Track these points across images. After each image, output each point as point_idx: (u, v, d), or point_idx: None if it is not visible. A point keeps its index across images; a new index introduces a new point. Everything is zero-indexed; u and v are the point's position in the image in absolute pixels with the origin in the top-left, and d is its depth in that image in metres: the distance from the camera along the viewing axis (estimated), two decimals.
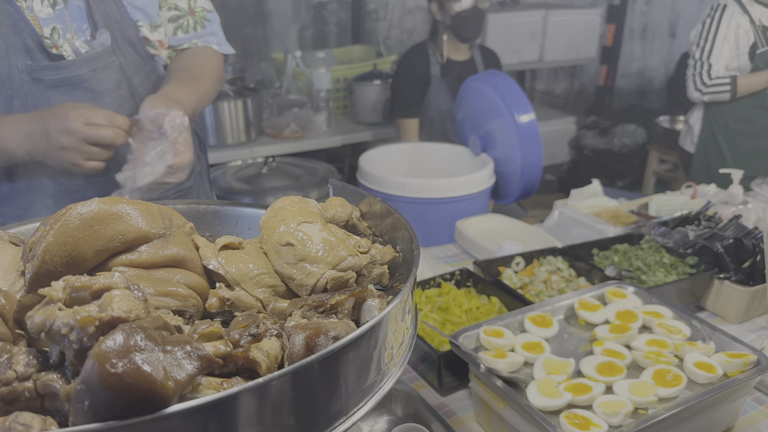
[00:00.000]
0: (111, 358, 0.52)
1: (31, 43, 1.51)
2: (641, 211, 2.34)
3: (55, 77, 1.54)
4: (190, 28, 1.77)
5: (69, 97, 1.55)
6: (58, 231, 0.69)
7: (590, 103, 6.06)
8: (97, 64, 1.58)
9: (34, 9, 1.52)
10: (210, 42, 1.81)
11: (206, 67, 1.77)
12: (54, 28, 1.55)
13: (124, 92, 1.64)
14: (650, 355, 1.32)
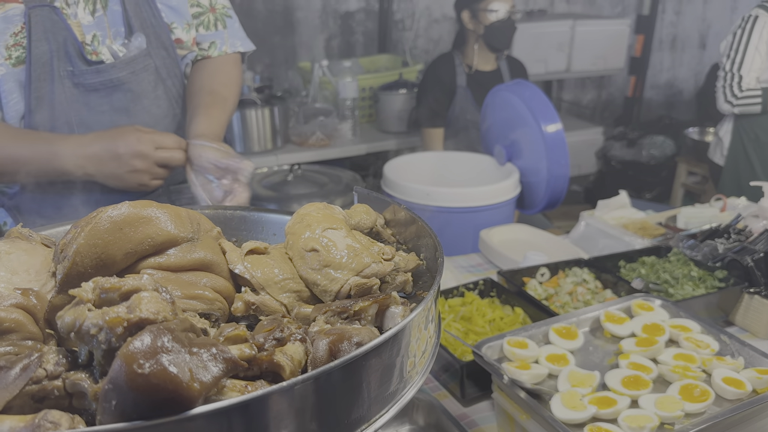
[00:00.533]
0: (138, 358, 0.53)
1: (72, 50, 1.55)
2: (669, 224, 2.30)
3: (96, 80, 1.58)
4: (210, 25, 1.80)
5: (109, 100, 1.60)
6: (89, 233, 0.71)
7: (618, 114, 6.00)
8: (135, 66, 1.62)
9: (78, 16, 1.57)
10: (235, 45, 1.84)
11: (229, 83, 1.80)
12: (94, 35, 1.60)
13: (160, 93, 1.69)
14: (677, 369, 1.30)
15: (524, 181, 2.78)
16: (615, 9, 5.87)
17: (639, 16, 5.59)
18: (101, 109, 1.62)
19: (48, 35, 1.53)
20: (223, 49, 1.82)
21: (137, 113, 1.65)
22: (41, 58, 1.53)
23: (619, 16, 5.75)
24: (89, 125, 1.61)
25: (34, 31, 1.51)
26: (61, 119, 1.59)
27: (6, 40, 1.50)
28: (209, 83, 1.77)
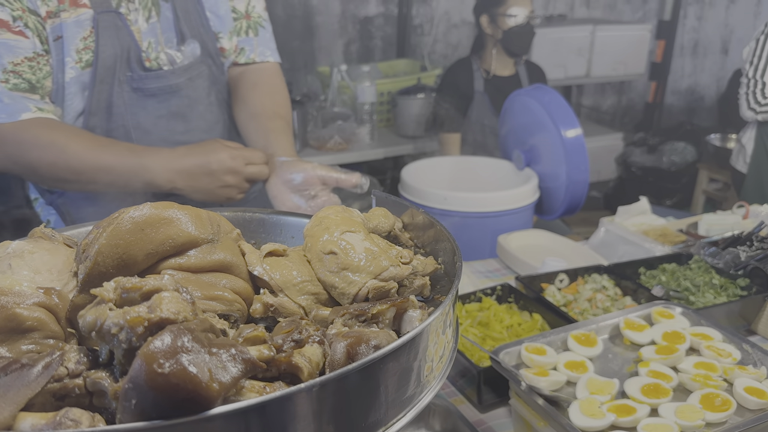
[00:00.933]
0: (158, 358, 0.53)
1: (133, 55, 1.60)
2: (690, 231, 2.28)
3: (154, 86, 1.62)
4: (242, 31, 1.81)
5: (166, 105, 1.64)
6: (111, 234, 0.71)
7: (638, 120, 5.95)
8: (191, 72, 1.66)
9: (138, 22, 1.62)
10: (265, 55, 1.85)
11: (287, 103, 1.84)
12: (149, 42, 1.63)
13: (213, 99, 1.73)
14: (698, 378, 1.28)
15: (543, 187, 2.76)
16: (636, 14, 5.83)
17: (660, 21, 5.55)
18: (158, 114, 1.66)
19: (114, 40, 1.57)
20: (251, 56, 1.83)
21: (193, 119, 1.69)
22: (106, 62, 1.56)
23: (639, 21, 5.71)
24: (146, 129, 1.65)
25: (101, 35, 1.55)
26: (118, 122, 1.62)
27: (77, 44, 1.55)
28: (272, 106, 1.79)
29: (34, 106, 1.48)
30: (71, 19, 1.52)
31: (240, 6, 1.80)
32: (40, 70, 1.49)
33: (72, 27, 1.52)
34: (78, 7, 1.53)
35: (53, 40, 1.51)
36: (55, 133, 1.47)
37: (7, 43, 1.44)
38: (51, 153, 1.45)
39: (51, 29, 1.50)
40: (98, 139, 1.53)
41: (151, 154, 1.49)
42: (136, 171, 1.46)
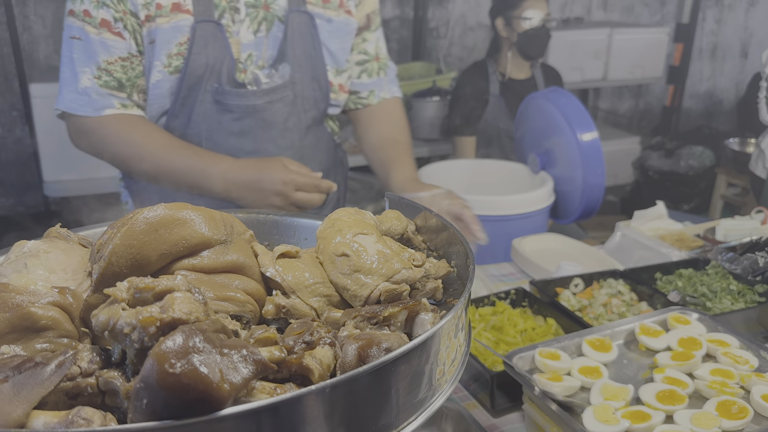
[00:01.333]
0: (170, 358, 0.53)
1: (224, 68, 1.63)
2: (708, 236, 2.25)
3: (234, 103, 1.65)
4: (374, 72, 1.91)
5: (239, 123, 1.67)
6: (125, 234, 0.72)
7: (656, 124, 5.90)
8: (273, 96, 1.68)
9: (240, 33, 1.64)
10: (393, 91, 1.97)
11: (404, 129, 1.98)
12: (250, 54, 1.67)
13: (291, 125, 1.74)
14: (714, 385, 1.26)
15: (558, 190, 2.74)
16: (654, 17, 5.78)
17: (678, 24, 5.50)
18: (230, 130, 1.69)
19: (207, 50, 1.60)
20: (381, 95, 1.94)
21: (263, 141, 1.71)
22: (196, 70, 1.61)
23: (657, 24, 5.66)
24: (216, 142, 1.69)
25: (196, 44, 1.59)
26: (194, 129, 1.68)
27: (170, 48, 1.59)
28: (389, 133, 1.92)
29: (118, 103, 1.59)
30: (167, 25, 1.57)
31: (371, 49, 1.88)
32: (132, 70, 1.59)
33: (168, 32, 1.58)
34: (180, 12, 1.58)
35: (148, 43, 1.59)
36: (134, 131, 1.59)
37: (105, 42, 1.55)
38: (127, 149, 1.59)
39: (147, 33, 1.58)
40: (172, 140, 1.62)
41: (214, 161, 1.57)
42: (197, 176, 1.56)
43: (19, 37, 4.09)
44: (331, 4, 1.74)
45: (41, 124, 3.33)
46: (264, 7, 1.65)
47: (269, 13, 1.66)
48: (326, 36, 1.75)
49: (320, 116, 1.82)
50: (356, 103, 1.94)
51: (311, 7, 1.71)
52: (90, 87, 1.57)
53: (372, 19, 1.85)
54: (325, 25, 1.73)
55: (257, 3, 1.65)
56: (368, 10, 1.84)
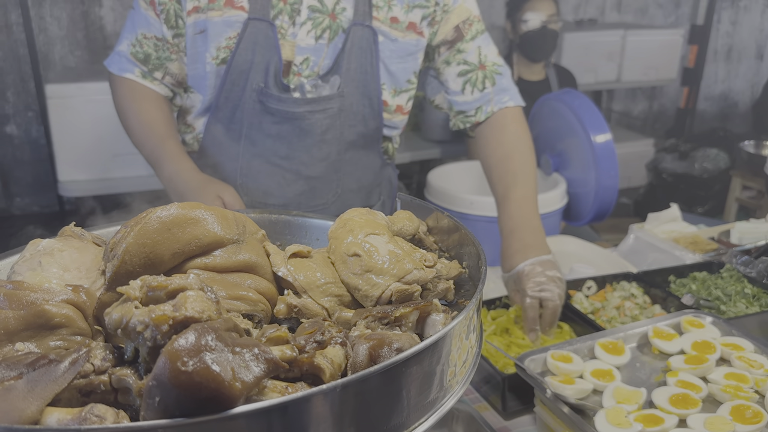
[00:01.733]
0: (182, 356, 0.54)
1: (272, 69, 1.64)
2: (722, 239, 2.23)
3: (275, 107, 1.66)
4: (478, 82, 1.77)
5: (278, 128, 1.69)
6: (138, 233, 0.72)
7: (670, 126, 5.86)
8: (315, 107, 1.68)
9: (297, 36, 1.65)
10: (503, 101, 1.79)
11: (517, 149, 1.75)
12: (307, 58, 1.67)
13: (329, 138, 1.73)
14: (728, 389, 1.25)
15: (571, 192, 2.73)
16: (668, 19, 5.75)
17: (693, 26, 5.46)
18: (268, 132, 1.70)
19: (256, 48, 1.62)
20: (488, 110, 1.78)
21: (298, 149, 1.72)
22: (241, 65, 1.63)
23: (672, 26, 5.62)
24: (253, 140, 1.72)
25: (245, 40, 1.61)
26: (236, 125, 1.71)
27: (219, 41, 1.63)
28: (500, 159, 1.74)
29: (139, 71, 1.72)
30: (219, 18, 1.62)
31: (472, 58, 1.76)
32: (163, 51, 1.70)
33: (219, 25, 1.62)
34: (233, 8, 1.61)
35: (195, 33, 1.64)
36: (137, 100, 1.72)
37: (148, 19, 1.67)
38: (126, 114, 1.74)
39: (194, 23, 1.63)
40: (159, 122, 1.71)
41: (173, 160, 1.65)
42: (154, 163, 1.68)
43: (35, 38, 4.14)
44: (400, 25, 1.70)
45: (56, 124, 3.35)
46: (331, 15, 1.64)
47: (335, 23, 1.65)
48: (387, 55, 1.71)
49: (369, 133, 1.79)
50: (464, 122, 1.82)
51: (377, 24, 1.68)
52: (124, 51, 1.72)
53: (463, 29, 1.75)
54: (389, 43, 1.70)
55: (323, 9, 1.65)
56: (456, 22, 1.75)
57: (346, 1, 1.66)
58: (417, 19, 1.71)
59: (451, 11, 1.75)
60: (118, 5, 4.34)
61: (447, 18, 1.75)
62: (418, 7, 1.71)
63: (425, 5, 1.71)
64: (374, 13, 1.68)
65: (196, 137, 1.80)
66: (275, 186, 1.77)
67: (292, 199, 1.78)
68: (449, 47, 1.77)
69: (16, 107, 4.34)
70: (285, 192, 1.78)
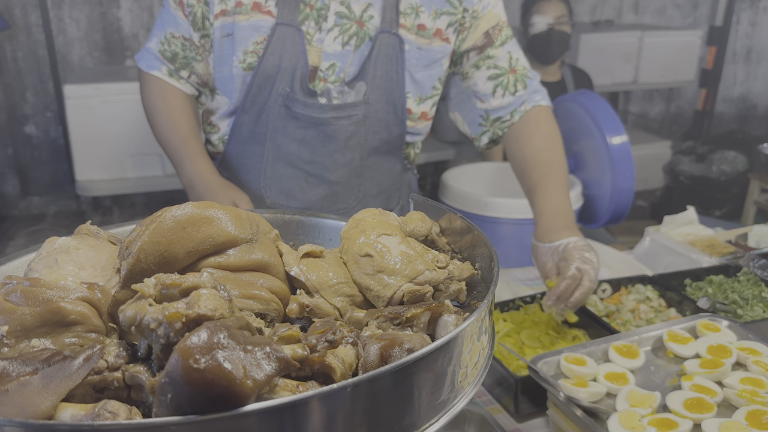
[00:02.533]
0: (195, 353, 0.54)
1: (298, 74, 1.66)
2: (739, 242, 2.21)
3: (300, 111, 1.68)
4: (510, 85, 1.78)
5: (302, 132, 1.71)
6: (153, 231, 0.73)
7: (687, 128, 5.80)
8: (340, 113, 1.69)
9: (324, 42, 1.66)
10: (536, 99, 1.80)
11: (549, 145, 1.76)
12: (333, 64, 1.68)
13: (352, 144, 1.74)
14: (744, 394, 1.24)
15: (587, 194, 2.71)
16: (686, 20, 5.69)
17: (711, 27, 5.40)
18: (293, 136, 1.72)
19: (283, 53, 1.64)
20: (522, 109, 1.78)
21: (321, 154, 1.74)
22: (268, 70, 1.65)
23: (690, 27, 5.57)
24: (277, 144, 1.74)
25: (272, 45, 1.63)
26: (262, 128, 1.73)
27: (246, 45, 1.65)
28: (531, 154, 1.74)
29: (166, 69, 1.76)
30: (246, 23, 1.64)
31: (502, 63, 1.77)
32: (189, 50, 1.73)
33: (246, 29, 1.64)
34: (260, 12, 1.63)
35: (222, 36, 1.67)
36: (163, 99, 1.77)
37: (177, 19, 1.70)
38: (152, 111, 1.78)
39: (221, 26, 1.66)
40: (182, 122, 1.75)
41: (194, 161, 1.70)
42: (176, 160, 1.73)
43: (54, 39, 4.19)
44: (427, 32, 1.71)
45: (74, 124, 3.39)
46: (358, 22, 1.65)
47: (362, 30, 1.66)
48: (413, 63, 1.72)
49: (392, 140, 1.79)
50: (502, 129, 1.80)
51: (404, 32, 1.69)
52: (153, 48, 1.76)
53: (493, 34, 1.76)
54: (415, 52, 1.71)
55: (351, 16, 1.66)
56: (486, 28, 1.75)
57: (373, 9, 1.67)
58: (444, 26, 1.72)
59: (481, 17, 1.75)
60: (136, 7, 4.38)
61: (476, 24, 1.75)
62: (445, 14, 1.71)
63: (453, 12, 1.71)
64: (401, 21, 1.69)
65: (221, 138, 1.82)
66: (297, 189, 1.78)
67: (314, 203, 1.79)
68: (479, 52, 1.77)
69: (35, 107, 4.40)
70: (307, 195, 1.79)
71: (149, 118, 1.81)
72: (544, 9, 3.43)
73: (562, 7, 3.46)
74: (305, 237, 1.17)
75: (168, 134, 1.75)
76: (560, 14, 3.43)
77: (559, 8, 3.45)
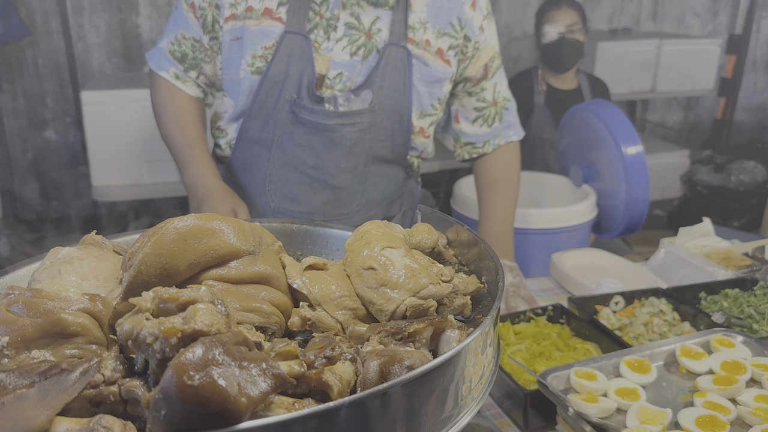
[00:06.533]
0: (189, 370, 0.54)
1: (305, 81, 1.68)
2: (756, 254, 2.17)
3: (307, 118, 1.70)
4: (489, 118, 1.95)
5: (308, 138, 1.73)
6: (155, 243, 0.73)
7: (706, 137, 5.73)
8: (346, 120, 1.72)
9: (332, 51, 1.69)
10: (508, 136, 2.02)
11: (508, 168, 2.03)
12: (341, 73, 1.71)
13: (357, 150, 1.76)
14: (758, 412, 1.21)
15: (602, 204, 2.69)
16: (705, 28, 5.63)
17: (731, 35, 5.34)
18: (299, 142, 1.74)
19: (291, 60, 1.67)
20: (496, 143, 1.99)
21: (326, 159, 1.75)
22: (276, 77, 1.68)
23: (709, 35, 5.51)
24: (284, 149, 1.76)
25: (280, 52, 1.66)
26: (269, 133, 1.75)
27: (255, 50, 1.69)
28: (493, 174, 2.01)
29: (174, 70, 1.79)
30: (256, 27, 1.67)
31: (488, 96, 1.92)
32: (199, 52, 1.76)
33: (255, 34, 1.67)
34: (271, 18, 1.66)
35: (231, 40, 1.70)
36: (172, 101, 1.80)
37: (188, 20, 1.74)
38: (160, 111, 1.82)
39: (231, 29, 1.69)
40: (189, 124, 1.79)
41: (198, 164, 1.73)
42: (181, 161, 1.77)
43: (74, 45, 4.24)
44: (431, 48, 1.75)
45: (91, 130, 3.43)
46: (366, 34, 1.68)
47: (370, 42, 1.69)
48: (417, 77, 1.75)
49: (396, 149, 1.82)
50: (471, 153, 2.00)
51: (412, 46, 1.72)
52: (164, 48, 1.80)
53: (489, 66, 1.87)
54: (421, 66, 1.75)
55: (360, 28, 1.69)
56: (485, 60, 1.86)
57: (381, 22, 1.70)
58: (445, 47, 1.77)
59: (482, 48, 1.84)
60: (155, 14, 4.42)
61: (479, 55, 1.84)
62: (447, 35, 1.77)
63: (454, 35, 1.77)
64: (410, 35, 1.72)
65: (229, 143, 1.84)
66: (302, 194, 1.80)
67: (317, 207, 1.81)
68: (475, 84, 1.89)
69: (54, 113, 4.45)
70: (311, 200, 1.81)
71: (157, 117, 1.85)
72: (555, 18, 3.42)
73: (573, 16, 3.43)
74: (313, 247, 1.16)
75: (174, 135, 1.79)
76: (572, 22, 3.41)
77: (571, 16, 3.43)
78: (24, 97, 4.37)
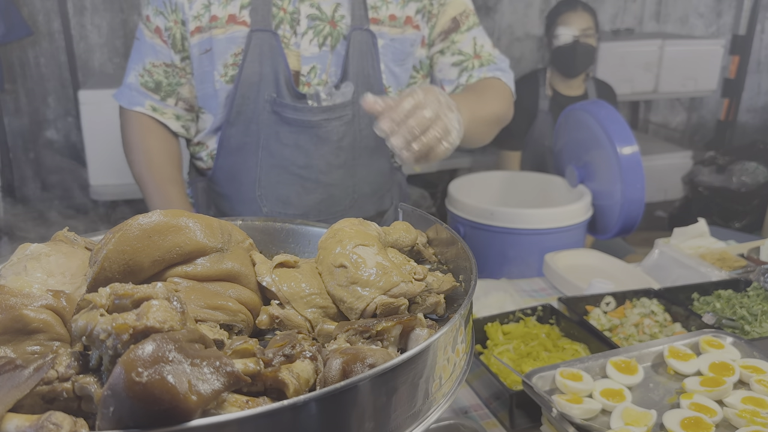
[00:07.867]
0: (138, 366, 0.53)
1: (282, 78, 1.66)
2: (752, 256, 2.15)
3: (291, 116, 1.68)
4: (474, 69, 1.81)
5: (295, 137, 1.71)
6: (119, 240, 0.72)
7: (709, 138, 5.70)
8: (331, 114, 1.70)
9: (300, 46, 1.67)
10: (496, 74, 1.81)
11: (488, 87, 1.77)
12: (314, 67, 1.69)
13: (345, 144, 1.75)
14: (745, 414, 1.19)
15: (597, 205, 2.67)
16: (709, 29, 5.60)
17: (735, 36, 5.30)
18: (286, 142, 1.72)
19: (262, 58, 1.64)
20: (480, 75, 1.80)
21: (315, 157, 1.74)
22: (250, 78, 1.65)
23: (713, 36, 5.48)
24: (271, 152, 1.73)
25: (250, 52, 1.63)
26: (252, 137, 1.71)
27: (226, 59, 1.65)
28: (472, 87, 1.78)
29: (149, 103, 1.73)
30: (222, 36, 1.63)
31: (466, 48, 1.80)
32: (173, 77, 1.72)
33: (223, 42, 1.63)
34: (235, 24, 1.63)
35: (200, 53, 1.66)
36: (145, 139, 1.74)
37: (155, 47, 1.69)
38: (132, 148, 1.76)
39: (199, 43, 1.65)
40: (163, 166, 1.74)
41: None
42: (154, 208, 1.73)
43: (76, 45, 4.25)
44: (398, 21, 1.72)
45: (89, 129, 3.44)
46: (330, 23, 1.66)
47: (335, 30, 1.67)
48: (389, 57, 1.73)
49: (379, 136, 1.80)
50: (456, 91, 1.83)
51: (375, 27, 1.70)
52: (133, 83, 1.73)
53: (460, 20, 1.79)
54: (389, 45, 1.72)
55: (323, 17, 1.66)
56: (454, 14, 1.78)
57: (343, 8, 1.67)
58: (412, 13, 1.74)
59: (448, 3, 1.78)
60: None
61: (444, 10, 1.78)
62: (412, 0, 1.73)
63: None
64: (372, 15, 1.69)
65: (210, 153, 1.80)
66: (294, 195, 1.77)
67: (311, 208, 1.78)
68: (444, 38, 1.80)
69: (56, 112, 4.46)
70: (304, 201, 1.78)
71: (126, 155, 1.79)
72: (570, 20, 3.36)
73: (588, 19, 3.40)
74: (296, 245, 1.16)
75: (147, 175, 1.74)
76: (586, 26, 3.37)
77: (586, 20, 3.38)
78: (26, 97, 4.38)
